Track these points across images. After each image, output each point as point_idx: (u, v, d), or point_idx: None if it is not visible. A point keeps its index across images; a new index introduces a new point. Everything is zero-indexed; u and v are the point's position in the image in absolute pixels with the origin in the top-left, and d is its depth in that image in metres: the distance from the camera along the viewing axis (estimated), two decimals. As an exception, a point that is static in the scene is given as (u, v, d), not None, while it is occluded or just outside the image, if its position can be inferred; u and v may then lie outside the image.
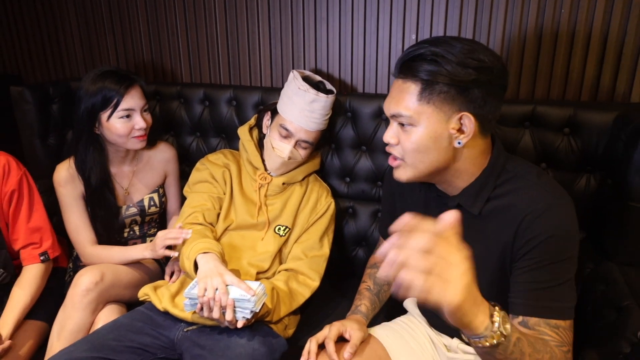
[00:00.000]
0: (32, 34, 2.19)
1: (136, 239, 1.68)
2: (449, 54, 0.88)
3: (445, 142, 0.93)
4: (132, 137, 1.51)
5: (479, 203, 0.98)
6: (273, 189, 1.53)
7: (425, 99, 0.91)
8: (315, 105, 1.45)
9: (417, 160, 0.96)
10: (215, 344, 1.24)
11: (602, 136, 1.36)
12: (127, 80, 1.49)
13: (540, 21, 1.51)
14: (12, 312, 1.39)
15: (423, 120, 0.92)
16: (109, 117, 1.47)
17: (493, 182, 0.98)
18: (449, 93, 0.89)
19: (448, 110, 0.90)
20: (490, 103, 0.90)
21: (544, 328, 0.91)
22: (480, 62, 0.88)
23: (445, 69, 0.88)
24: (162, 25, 1.95)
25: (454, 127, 0.91)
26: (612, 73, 1.48)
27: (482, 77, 0.88)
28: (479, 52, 0.89)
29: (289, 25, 1.78)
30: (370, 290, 1.32)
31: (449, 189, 1.02)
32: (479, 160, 0.98)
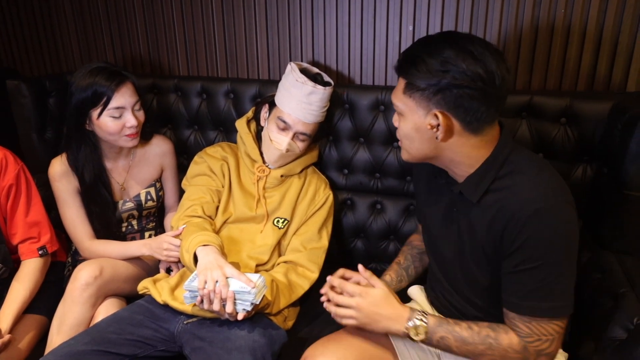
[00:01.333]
0: (28, 28, 2.17)
1: (134, 233, 1.68)
2: (431, 58, 0.96)
3: (425, 135, 1.02)
4: (124, 135, 1.49)
5: (477, 192, 1.03)
6: (271, 182, 1.54)
7: (407, 94, 1.01)
8: (313, 98, 1.45)
9: (407, 146, 1.07)
10: (215, 336, 1.25)
11: (599, 126, 1.37)
12: (118, 77, 1.47)
13: (537, 12, 1.51)
14: (11, 307, 1.39)
15: (407, 112, 1.03)
16: (99, 114, 1.46)
17: (493, 174, 1.02)
18: (425, 92, 0.98)
19: (425, 106, 0.99)
20: (467, 106, 0.96)
21: (517, 321, 1.02)
22: (459, 69, 0.93)
23: (422, 72, 0.97)
24: (159, 18, 1.94)
25: (429, 122, 1.00)
26: (608, 63, 1.49)
27: (456, 82, 0.94)
28: (461, 59, 0.94)
29: (286, 17, 1.77)
30: (399, 264, 1.38)
31: (455, 176, 1.09)
32: (475, 154, 1.02)
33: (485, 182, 1.02)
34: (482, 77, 0.93)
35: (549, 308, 0.98)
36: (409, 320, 1.06)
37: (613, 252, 1.30)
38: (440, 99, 0.96)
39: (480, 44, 0.96)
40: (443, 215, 1.15)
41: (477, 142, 1.01)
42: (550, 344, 1.01)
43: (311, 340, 1.21)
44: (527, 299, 0.99)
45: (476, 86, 0.94)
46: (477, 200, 1.03)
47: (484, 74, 0.93)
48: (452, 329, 1.05)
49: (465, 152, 1.02)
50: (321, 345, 1.15)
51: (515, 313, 1.01)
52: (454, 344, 1.05)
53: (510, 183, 1.00)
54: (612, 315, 1.11)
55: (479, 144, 1.01)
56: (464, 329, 1.05)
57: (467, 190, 1.05)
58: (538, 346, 1.00)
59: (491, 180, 1.02)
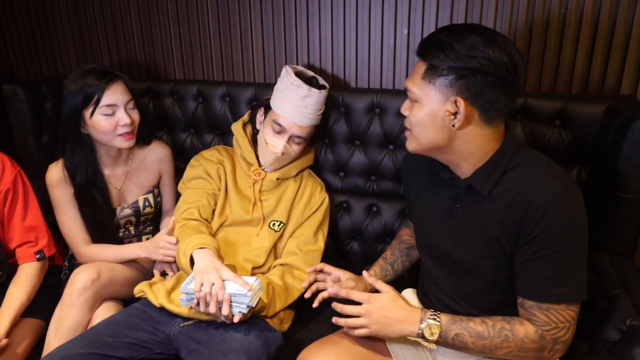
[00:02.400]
0: (24, 32, 2.18)
1: (131, 237, 1.68)
2: (457, 43, 0.96)
3: (441, 122, 1.01)
4: (118, 135, 1.49)
5: (488, 184, 1.04)
6: (267, 185, 1.54)
7: (427, 79, 1.00)
8: (308, 101, 1.45)
9: (418, 134, 1.05)
10: (211, 338, 1.25)
11: (593, 128, 1.37)
12: (108, 75, 1.47)
13: (531, 14, 1.52)
14: (8, 311, 1.39)
15: (424, 98, 1.01)
16: (91, 114, 1.45)
17: (503, 166, 1.03)
18: (448, 78, 0.97)
19: (446, 92, 0.98)
20: (488, 94, 0.97)
21: (536, 310, 1.01)
22: (484, 54, 0.94)
23: (449, 56, 0.96)
24: (155, 22, 1.94)
25: (448, 109, 0.99)
26: (602, 65, 1.50)
27: (483, 69, 0.95)
28: (489, 46, 0.95)
29: (282, 21, 1.78)
30: (385, 259, 1.41)
31: (459, 170, 1.09)
32: (486, 146, 1.03)
33: (496, 174, 1.03)
34: (507, 65, 0.95)
35: (567, 294, 0.99)
36: (422, 322, 1.06)
37: (607, 254, 1.31)
38: (463, 85, 0.96)
39: (503, 36, 0.98)
40: (443, 211, 1.14)
41: (490, 133, 1.02)
42: (567, 331, 1.01)
43: (307, 342, 1.21)
44: (546, 286, 0.99)
45: (501, 74, 0.95)
46: (487, 193, 1.04)
47: (509, 63, 0.95)
48: (467, 325, 1.04)
49: (477, 144, 1.02)
50: (316, 347, 1.16)
51: (533, 301, 1.01)
52: (469, 339, 1.04)
53: (522, 174, 1.02)
54: (606, 316, 1.12)
55: (491, 136, 1.02)
56: (478, 324, 1.04)
57: (477, 182, 1.05)
58: (555, 334, 1.00)
59: (502, 172, 1.03)
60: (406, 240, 1.44)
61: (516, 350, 1.02)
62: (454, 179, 1.11)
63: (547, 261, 0.98)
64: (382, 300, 1.10)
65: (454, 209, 1.12)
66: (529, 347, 1.02)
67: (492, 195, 1.04)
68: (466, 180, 1.07)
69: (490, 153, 1.04)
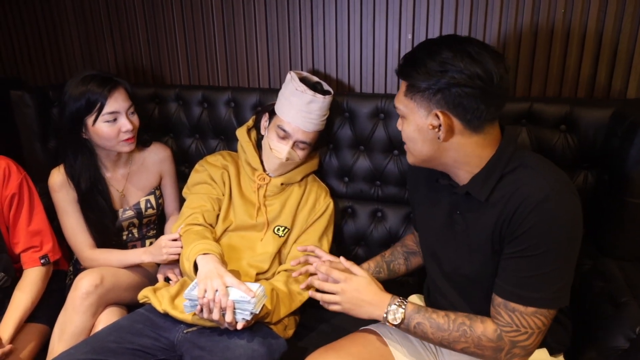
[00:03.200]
0: (32, 38, 2.20)
1: (135, 241, 1.68)
2: (430, 60, 0.98)
3: (427, 135, 1.04)
4: (121, 141, 1.51)
5: (485, 190, 1.04)
6: (272, 190, 1.54)
7: (409, 96, 1.03)
8: (313, 106, 1.45)
9: (411, 148, 1.09)
10: (215, 345, 1.25)
11: (599, 133, 1.36)
12: (110, 82, 1.48)
13: (536, 19, 1.51)
14: (13, 315, 1.40)
15: (409, 114, 1.05)
16: (94, 121, 1.47)
17: (500, 171, 1.03)
18: (426, 93, 1.00)
19: (426, 107, 1.01)
20: (466, 104, 0.98)
21: (502, 309, 1.03)
22: (457, 68, 0.96)
23: (422, 74, 0.99)
24: (160, 29, 1.96)
25: (431, 122, 1.01)
26: (607, 70, 1.49)
27: (454, 82, 0.96)
28: (458, 59, 0.96)
29: (286, 26, 1.78)
30: (383, 257, 1.42)
31: (457, 178, 1.09)
32: (480, 152, 1.04)
33: (492, 179, 1.03)
34: (480, 76, 0.96)
35: (537, 298, 0.99)
36: (388, 306, 1.12)
37: (614, 259, 1.30)
38: (440, 98, 0.99)
39: (478, 45, 0.99)
40: (444, 218, 1.15)
41: (480, 140, 1.02)
42: (528, 337, 1.01)
43: (311, 349, 1.21)
44: (518, 287, 1.00)
45: (475, 84, 0.96)
46: (485, 199, 1.04)
47: (482, 73, 0.96)
48: (429, 316, 1.09)
49: (469, 152, 1.03)
50: (320, 354, 1.16)
51: (502, 299, 1.02)
52: (429, 330, 1.08)
53: (517, 177, 1.02)
54: (614, 323, 1.10)
55: (482, 142, 1.03)
56: (441, 316, 1.08)
57: (474, 189, 1.05)
58: (515, 337, 1.01)
59: (498, 178, 1.03)
60: (409, 245, 1.44)
61: (473, 346, 1.05)
62: (452, 186, 1.11)
63: (525, 262, 0.98)
64: (358, 283, 1.17)
65: (454, 216, 1.12)
66: (485, 345, 1.03)
67: (489, 201, 1.04)
68: (464, 187, 1.07)
69: (485, 159, 1.04)
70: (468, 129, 1.01)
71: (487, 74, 0.96)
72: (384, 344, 1.20)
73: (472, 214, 1.08)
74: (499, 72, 0.97)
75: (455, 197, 1.11)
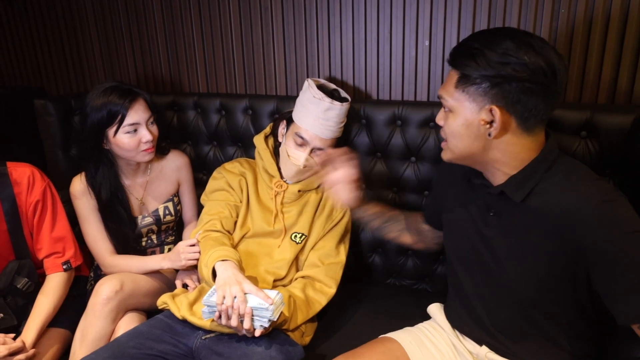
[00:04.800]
0: (55, 50, 2.25)
1: (154, 247, 1.70)
2: (489, 50, 0.92)
3: (476, 131, 0.98)
4: (141, 151, 1.53)
5: (522, 192, 1.00)
6: (289, 197, 1.55)
7: (461, 88, 0.97)
8: (330, 114, 1.46)
9: (453, 145, 1.03)
10: (232, 351, 1.26)
11: (620, 139, 1.34)
12: (131, 94, 1.51)
13: (555, 24, 1.50)
14: (36, 320, 1.42)
15: (458, 107, 0.99)
16: (115, 132, 1.50)
17: (540, 174, 0.99)
18: (482, 86, 0.94)
19: (480, 101, 0.95)
20: (525, 101, 0.93)
21: None
22: (519, 60, 0.91)
23: (480, 64, 0.93)
24: (179, 38, 1.99)
25: (483, 118, 0.96)
26: (629, 74, 1.46)
27: (517, 75, 0.91)
28: (522, 50, 0.91)
29: (303, 34, 1.80)
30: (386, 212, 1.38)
31: (492, 178, 1.05)
32: (523, 155, 0.99)
33: (531, 182, 0.99)
34: (544, 70, 0.91)
35: None
36: None
37: None
38: (498, 93, 0.93)
39: (540, 38, 0.95)
40: (476, 219, 1.10)
41: (528, 142, 0.98)
42: None
43: (329, 356, 1.21)
44: None
45: (538, 80, 0.91)
46: (520, 200, 1.00)
47: (546, 67, 0.91)
48: None
49: (514, 152, 0.99)
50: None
51: None
52: None
53: (562, 182, 0.97)
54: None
55: (530, 144, 0.99)
56: None
57: (509, 189, 1.01)
58: None
59: (537, 181, 0.99)
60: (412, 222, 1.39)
61: None
62: (486, 186, 1.07)
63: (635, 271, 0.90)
64: None
65: (487, 217, 1.08)
66: None
67: (526, 204, 1.00)
68: (498, 186, 1.03)
69: (526, 161, 1.00)
70: (521, 128, 0.96)
71: (551, 68, 0.92)
72: (402, 351, 1.19)
73: (507, 215, 1.04)
74: (562, 68, 0.93)
75: (489, 197, 1.07)
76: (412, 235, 1.38)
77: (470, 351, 1.18)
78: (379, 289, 1.70)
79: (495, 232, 1.06)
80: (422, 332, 1.26)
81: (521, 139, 0.98)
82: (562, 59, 0.94)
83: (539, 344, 1.08)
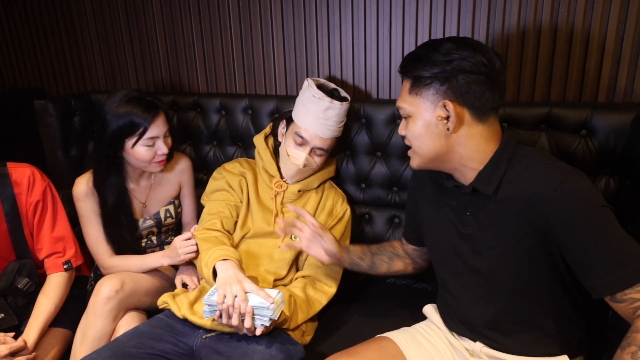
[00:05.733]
0: (55, 50, 2.25)
1: (154, 247, 1.70)
2: (434, 53, 1.02)
3: (435, 129, 1.04)
4: (154, 162, 1.54)
5: (492, 184, 1.04)
6: (289, 197, 1.55)
7: (414, 92, 1.05)
8: (330, 113, 1.46)
9: (418, 147, 1.09)
10: (233, 350, 1.26)
11: (620, 137, 1.34)
12: (154, 108, 1.51)
13: (555, 23, 1.50)
14: (37, 320, 1.43)
15: (415, 111, 1.06)
16: (134, 144, 1.50)
17: (504, 165, 1.04)
18: (432, 85, 1.02)
19: (433, 99, 1.03)
20: (473, 91, 1.00)
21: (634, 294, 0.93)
22: (460, 55, 0.99)
23: (427, 65, 1.02)
24: (179, 37, 1.99)
25: (439, 114, 1.03)
26: (629, 73, 1.46)
27: (463, 67, 0.99)
28: (462, 49, 1.00)
29: (303, 34, 1.80)
30: (370, 248, 1.42)
31: (463, 178, 1.09)
32: (484, 147, 1.05)
33: (497, 173, 1.04)
34: (484, 63, 1.00)
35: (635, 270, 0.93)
36: None
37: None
38: (448, 88, 1.01)
39: (476, 41, 1.04)
40: (454, 221, 1.13)
41: (485, 132, 1.04)
42: None
43: (329, 355, 1.21)
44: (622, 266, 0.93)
45: (480, 71, 0.99)
46: (492, 192, 1.04)
47: (485, 61, 1.00)
48: None
49: (474, 145, 1.04)
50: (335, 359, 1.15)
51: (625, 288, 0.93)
52: None
53: (526, 169, 1.02)
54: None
55: (487, 134, 1.04)
56: None
57: (480, 184, 1.05)
58: None
59: (503, 171, 1.04)
60: (396, 247, 1.43)
61: None
62: (458, 187, 1.11)
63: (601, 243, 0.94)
64: None
65: (465, 217, 1.11)
66: None
67: (499, 195, 1.04)
68: (470, 184, 1.07)
69: (489, 154, 1.05)
70: (475, 117, 1.02)
71: (490, 61, 1.00)
72: (398, 350, 1.19)
73: (483, 211, 1.07)
74: (498, 61, 1.02)
75: (463, 197, 1.11)
76: (402, 259, 1.41)
77: (467, 348, 1.19)
78: (379, 288, 1.71)
79: (475, 229, 1.10)
80: (418, 332, 1.27)
81: (477, 129, 1.03)
82: (499, 55, 1.03)
83: (529, 335, 1.10)
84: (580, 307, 1.11)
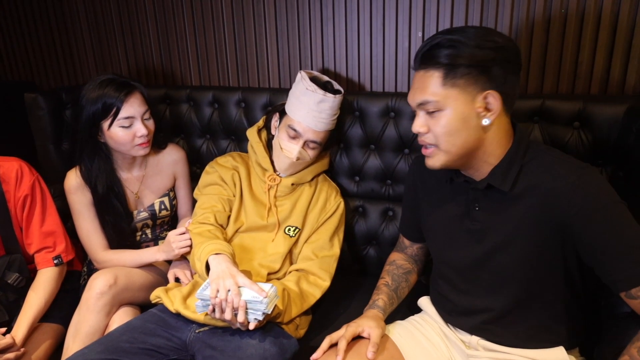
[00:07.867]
0: (45, 42, 2.22)
1: (149, 241, 1.69)
2: (465, 38, 0.94)
3: (473, 122, 0.97)
4: (135, 145, 1.52)
5: (508, 180, 1.01)
6: (282, 190, 1.54)
7: (449, 83, 0.96)
8: (323, 106, 1.45)
9: (450, 144, 1.00)
10: (226, 344, 1.25)
11: (613, 129, 1.34)
12: (127, 87, 1.49)
13: (548, 15, 1.49)
14: (26, 315, 1.41)
15: (450, 103, 0.97)
16: (109, 125, 1.48)
17: (520, 161, 1.01)
18: (471, 74, 0.94)
19: (472, 90, 0.95)
20: (510, 80, 0.96)
21: None
22: (495, 43, 0.94)
23: (465, 51, 0.94)
24: (171, 30, 1.97)
25: (479, 106, 0.96)
26: (622, 65, 1.46)
27: (500, 56, 0.94)
28: (491, 34, 0.96)
29: (296, 26, 1.78)
30: (388, 286, 1.33)
31: (476, 173, 1.06)
32: (503, 142, 1.02)
33: (514, 170, 1.01)
34: (516, 49, 0.95)
35: None
36: None
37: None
38: (487, 78, 0.94)
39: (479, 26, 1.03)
40: (461, 217, 1.11)
41: (508, 125, 1.01)
42: None
43: (323, 349, 1.21)
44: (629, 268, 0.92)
45: (514, 59, 0.95)
46: (509, 189, 1.01)
47: (514, 47, 0.95)
48: None
49: (499, 139, 1.01)
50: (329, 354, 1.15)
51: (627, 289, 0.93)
52: None
53: (540, 166, 1.00)
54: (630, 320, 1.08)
55: (508, 127, 1.01)
56: None
57: (495, 180, 1.02)
58: None
59: (519, 167, 1.01)
60: (402, 265, 1.38)
61: None
62: (468, 182, 1.08)
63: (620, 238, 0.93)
64: None
65: (472, 213, 1.08)
66: None
67: (514, 192, 1.01)
68: (484, 180, 1.04)
69: (505, 150, 1.02)
70: (506, 109, 0.98)
71: (518, 50, 0.96)
72: (393, 344, 1.19)
73: (494, 208, 1.05)
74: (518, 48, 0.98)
75: (473, 192, 1.07)
76: (413, 271, 1.38)
77: (463, 340, 1.19)
78: (373, 281, 1.69)
79: (484, 225, 1.07)
80: (412, 325, 1.27)
81: (504, 122, 1.00)
82: None
83: (527, 328, 1.10)
84: (580, 302, 1.11)
